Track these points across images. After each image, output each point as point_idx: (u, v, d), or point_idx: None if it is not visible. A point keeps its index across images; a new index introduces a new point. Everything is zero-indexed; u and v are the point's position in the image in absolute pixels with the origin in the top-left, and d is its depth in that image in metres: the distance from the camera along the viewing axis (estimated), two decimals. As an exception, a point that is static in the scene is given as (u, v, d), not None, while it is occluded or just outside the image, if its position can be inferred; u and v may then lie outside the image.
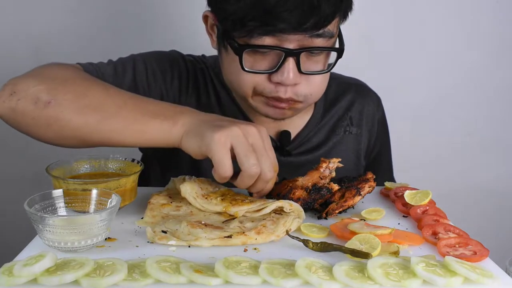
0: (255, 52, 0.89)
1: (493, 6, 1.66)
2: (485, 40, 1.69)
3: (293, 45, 0.87)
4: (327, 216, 0.83)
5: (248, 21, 0.84)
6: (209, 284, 0.59)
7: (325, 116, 1.14)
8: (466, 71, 1.72)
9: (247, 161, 0.77)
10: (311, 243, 0.69)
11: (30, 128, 0.84)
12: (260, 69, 0.90)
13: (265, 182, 0.80)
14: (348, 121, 1.16)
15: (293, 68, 0.88)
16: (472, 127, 1.78)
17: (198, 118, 0.83)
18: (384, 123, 1.23)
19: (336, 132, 1.14)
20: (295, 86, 0.91)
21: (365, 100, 1.18)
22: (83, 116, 0.82)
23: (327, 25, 0.86)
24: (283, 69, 0.88)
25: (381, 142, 1.22)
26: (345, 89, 1.17)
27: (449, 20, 1.67)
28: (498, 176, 1.83)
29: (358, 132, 1.16)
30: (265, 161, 0.79)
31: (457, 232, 0.75)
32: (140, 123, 0.82)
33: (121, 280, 0.59)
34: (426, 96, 1.73)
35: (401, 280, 0.60)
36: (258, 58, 0.90)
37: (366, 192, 0.85)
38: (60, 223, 0.66)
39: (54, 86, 0.84)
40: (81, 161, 0.88)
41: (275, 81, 0.90)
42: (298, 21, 0.83)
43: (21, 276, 0.58)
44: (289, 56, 0.87)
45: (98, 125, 0.82)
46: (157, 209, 0.82)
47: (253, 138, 0.79)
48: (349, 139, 1.15)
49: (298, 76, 0.90)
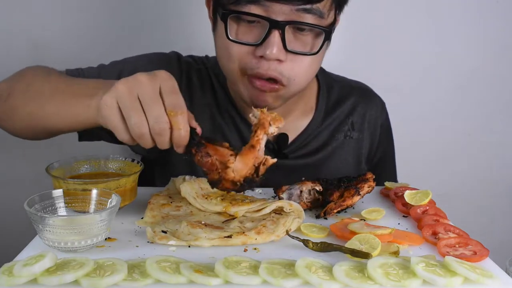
0: (241, 21, 0.88)
1: (493, 6, 1.66)
2: (485, 40, 1.69)
3: (280, 17, 0.85)
4: (326, 215, 0.83)
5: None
6: (209, 284, 0.59)
7: (326, 120, 1.12)
8: (466, 71, 1.72)
9: (128, 121, 0.70)
10: (311, 243, 0.69)
11: (2, 123, 0.93)
12: (245, 40, 0.88)
13: (160, 136, 0.70)
14: (349, 126, 1.14)
15: (278, 42, 0.86)
16: (472, 127, 1.78)
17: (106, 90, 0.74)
18: (388, 128, 1.22)
19: (336, 137, 1.13)
20: (279, 64, 0.88)
21: (368, 104, 1.16)
22: (29, 102, 0.87)
23: (316, 1, 0.85)
24: (267, 42, 0.86)
25: (384, 147, 1.20)
26: (348, 92, 1.16)
27: (450, 20, 1.67)
28: (498, 176, 1.83)
29: (360, 137, 1.14)
30: (150, 112, 0.69)
31: (457, 232, 0.75)
32: (67, 103, 0.82)
33: (121, 280, 0.59)
34: (426, 96, 1.73)
35: (401, 280, 0.60)
36: (244, 30, 0.88)
37: (366, 192, 0.85)
38: (60, 223, 0.66)
39: (14, 81, 0.92)
40: (81, 161, 0.88)
41: (259, 54, 0.87)
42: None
43: (21, 276, 0.58)
44: (274, 28, 0.85)
45: (39, 110, 0.85)
46: (157, 209, 0.82)
47: (139, 89, 0.70)
48: (349, 144, 1.14)
49: (282, 52, 0.87)
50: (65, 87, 0.85)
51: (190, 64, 1.10)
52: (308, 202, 0.87)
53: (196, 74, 1.09)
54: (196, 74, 1.09)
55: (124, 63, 1.06)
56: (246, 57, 0.89)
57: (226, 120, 1.06)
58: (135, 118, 0.69)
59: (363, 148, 1.15)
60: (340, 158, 1.12)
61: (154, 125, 0.69)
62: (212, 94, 1.07)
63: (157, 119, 0.69)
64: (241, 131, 1.06)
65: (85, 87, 0.83)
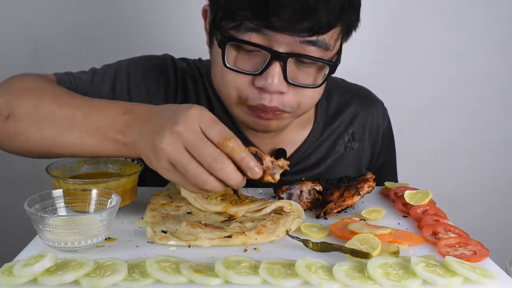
0: (240, 49, 0.83)
1: (493, 6, 1.66)
2: (485, 40, 1.69)
3: (282, 48, 0.80)
4: (326, 215, 0.83)
5: (238, 10, 0.78)
6: (209, 284, 0.59)
7: (325, 131, 1.08)
8: (466, 71, 1.72)
9: (188, 177, 0.67)
10: (311, 243, 0.69)
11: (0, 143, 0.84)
12: (244, 69, 0.84)
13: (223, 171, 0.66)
14: (349, 137, 1.09)
15: (278, 73, 0.81)
16: (472, 127, 1.78)
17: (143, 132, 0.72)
18: (390, 134, 1.18)
19: (336, 149, 1.08)
20: (281, 95, 0.84)
21: (369, 112, 1.12)
22: (39, 131, 0.79)
23: (322, 33, 0.80)
24: (267, 72, 0.81)
25: (385, 153, 1.17)
26: (348, 100, 1.11)
27: (449, 20, 1.67)
28: (498, 176, 1.83)
29: (360, 147, 1.11)
30: (202, 157, 0.66)
31: (457, 232, 0.75)
32: (94, 139, 0.77)
33: (121, 280, 0.59)
34: (426, 96, 1.73)
35: (401, 280, 0.60)
36: (243, 57, 0.84)
37: (366, 192, 0.85)
38: (60, 223, 0.66)
39: (11, 98, 0.83)
40: (81, 161, 0.88)
41: (258, 85, 0.83)
42: (289, 19, 0.77)
43: (21, 276, 0.58)
44: (275, 60, 0.80)
45: (54, 139, 0.79)
46: (157, 209, 0.82)
47: (182, 141, 0.67)
48: (350, 155, 1.10)
49: (283, 84, 0.82)
50: (83, 117, 0.78)
51: (185, 70, 1.05)
52: (308, 202, 0.87)
53: (191, 81, 1.05)
54: (191, 81, 1.05)
55: (118, 68, 1.02)
56: (246, 87, 0.85)
57: None
58: (191, 172, 0.67)
59: (363, 158, 1.12)
60: (340, 170, 1.08)
61: (211, 165, 0.66)
62: (207, 103, 1.03)
63: (211, 158, 0.66)
64: None
65: (109, 119, 0.77)
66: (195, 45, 1.17)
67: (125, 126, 0.74)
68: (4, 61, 1.50)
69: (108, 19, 1.54)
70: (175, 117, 0.68)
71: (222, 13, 0.82)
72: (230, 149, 0.67)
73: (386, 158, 1.17)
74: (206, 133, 0.68)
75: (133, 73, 1.02)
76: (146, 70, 1.03)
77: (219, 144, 0.67)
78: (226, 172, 0.67)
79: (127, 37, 1.54)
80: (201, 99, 1.04)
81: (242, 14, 0.78)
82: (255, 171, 0.68)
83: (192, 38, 1.33)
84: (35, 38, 1.53)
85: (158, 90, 1.02)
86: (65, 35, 1.53)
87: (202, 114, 0.69)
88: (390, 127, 1.18)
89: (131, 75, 1.02)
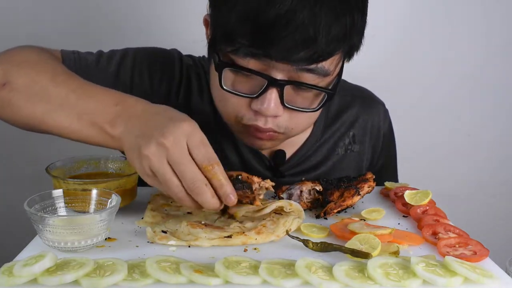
0: (237, 72, 0.83)
1: (493, 6, 1.66)
2: (485, 40, 1.69)
3: (280, 75, 0.80)
4: (326, 215, 0.83)
5: (235, 37, 0.78)
6: (209, 284, 0.59)
7: (325, 133, 1.07)
8: (466, 71, 1.72)
9: (168, 189, 0.69)
10: (311, 243, 0.69)
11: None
12: (241, 91, 0.83)
13: (200, 195, 0.68)
14: (350, 139, 1.09)
15: (275, 99, 0.81)
16: (472, 127, 1.78)
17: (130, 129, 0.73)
18: (391, 136, 1.17)
19: (336, 151, 1.08)
20: (276, 118, 0.84)
21: (370, 115, 1.11)
22: (31, 105, 0.79)
23: (321, 61, 0.79)
24: (264, 97, 0.81)
25: (386, 155, 1.16)
26: (349, 102, 1.11)
27: (449, 20, 1.67)
28: (498, 176, 1.83)
29: (361, 149, 1.10)
30: (183, 176, 0.68)
31: (457, 232, 0.75)
32: (81, 123, 0.76)
33: (121, 280, 0.59)
34: (426, 96, 1.73)
35: (401, 280, 0.60)
36: (241, 79, 0.84)
37: (366, 192, 0.85)
38: (60, 223, 0.66)
39: (10, 67, 0.82)
40: (81, 161, 0.88)
41: (254, 108, 0.83)
42: (287, 49, 0.76)
43: (21, 276, 0.58)
44: (272, 86, 0.80)
45: (43, 117, 0.78)
46: (157, 209, 0.82)
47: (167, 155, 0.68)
48: (350, 158, 1.09)
49: (280, 108, 0.82)
50: (76, 100, 0.77)
51: (191, 67, 1.05)
52: (308, 202, 0.87)
53: (195, 78, 1.05)
54: (195, 78, 1.05)
55: (124, 54, 1.01)
56: (242, 108, 0.85)
57: (223, 132, 1.00)
58: (170, 187, 0.68)
59: (364, 160, 1.11)
60: (340, 173, 1.06)
61: (190, 188, 0.68)
62: (209, 102, 1.02)
63: (192, 181, 0.68)
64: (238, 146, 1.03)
65: (100, 106, 0.76)
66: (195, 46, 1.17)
67: (114, 117, 0.74)
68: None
69: (109, 17, 1.54)
70: (165, 127, 0.68)
71: (221, 36, 0.81)
72: (211, 174, 0.68)
73: (386, 160, 1.17)
74: (192, 152, 0.68)
75: (139, 62, 1.02)
76: (152, 60, 1.03)
77: (202, 167, 0.68)
78: (202, 197, 0.68)
79: (128, 36, 1.54)
80: (203, 96, 1.04)
81: (241, 42, 0.78)
82: (230, 198, 0.70)
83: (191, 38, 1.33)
84: (35, 38, 1.53)
85: (161, 83, 1.02)
86: (65, 35, 1.53)
87: (193, 131, 0.69)
88: (391, 129, 1.18)
89: (137, 63, 1.01)
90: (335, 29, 0.77)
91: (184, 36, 1.52)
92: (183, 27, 1.54)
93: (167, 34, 1.55)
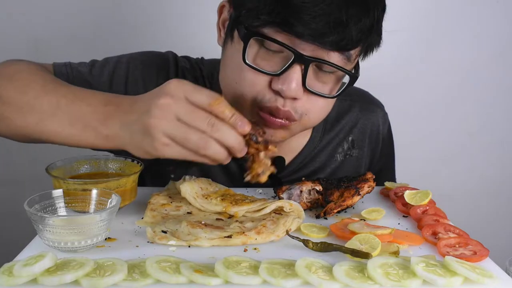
0: (262, 46, 0.80)
1: (493, 6, 1.66)
2: (486, 40, 1.69)
3: (306, 52, 0.78)
4: (326, 215, 0.83)
5: (265, 14, 0.76)
6: (209, 284, 0.59)
7: (323, 139, 1.06)
8: (467, 71, 1.72)
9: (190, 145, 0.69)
10: (311, 243, 0.69)
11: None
12: (263, 68, 0.81)
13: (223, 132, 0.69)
14: (349, 144, 1.08)
15: (297, 78, 0.79)
16: (473, 127, 1.78)
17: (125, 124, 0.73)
18: (390, 139, 1.17)
19: (334, 157, 1.07)
20: (294, 101, 0.82)
21: (369, 119, 1.11)
22: (23, 116, 0.80)
23: (348, 49, 0.79)
24: (286, 75, 0.79)
25: (385, 158, 1.16)
26: (348, 107, 1.09)
27: (450, 20, 1.67)
28: (498, 176, 1.83)
29: (360, 154, 1.10)
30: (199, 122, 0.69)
31: (457, 232, 0.75)
32: (75, 127, 0.77)
33: (121, 280, 0.59)
34: (427, 96, 1.73)
35: (401, 280, 0.60)
36: (264, 56, 0.81)
37: (366, 192, 0.85)
38: (60, 223, 0.66)
39: (1, 82, 0.83)
40: (81, 161, 0.88)
41: (275, 88, 0.80)
42: (319, 30, 0.75)
43: (21, 276, 0.58)
44: (297, 62, 0.78)
45: (36, 126, 0.79)
46: (157, 209, 0.82)
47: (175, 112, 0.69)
48: (349, 163, 1.09)
49: (300, 90, 0.80)
50: (67, 105, 0.78)
51: (186, 69, 1.04)
52: (308, 202, 0.87)
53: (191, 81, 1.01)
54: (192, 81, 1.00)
55: (117, 63, 1.01)
56: (261, 88, 0.82)
57: None
58: (191, 139, 0.68)
59: (362, 165, 1.11)
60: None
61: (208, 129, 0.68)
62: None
63: (206, 122, 0.69)
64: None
65: (91, 109, 0.77)
66: (198, 44, 1.17)
67: (106, 117, 0.75)
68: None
69: (109, 19, 1.54)
70: (157, 93, 0.70)
71: (247, 14, 0.79)
72: (220, 110, 0.69)
73: (385, 163, 1.17)
74: (192, 100, 0.69)
75: (132, 69, 1.01)
76: (146, 66, 1.02)
77: (210, 107, 0.69)
78: (224, 132, 0.69)
79: (128, 36, 1.54)
80: None
81: (269, 19, 0.77)
82: (243, 128, 0.71)
83: (191, 39, 1.33)
84: (35, 38, 1.53)
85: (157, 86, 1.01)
86: (66, 35, 1.53)
87: (182, 83, 0.71)
88: (390, 132, 1.18)
89: (130, 71, 1.01)
90: (365, 20, 0.78)
91: (184, 36, 1.52)
92: (182, 26, 1.54)
93: (167, 33, 1.55)
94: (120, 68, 1.00)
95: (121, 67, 1.01)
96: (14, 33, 1.52)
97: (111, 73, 1.00)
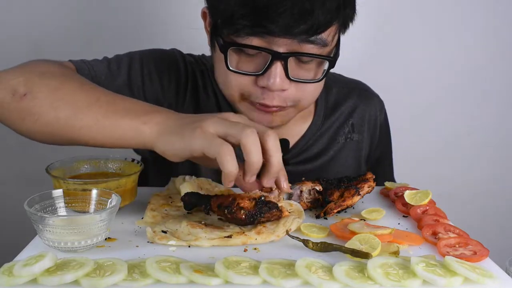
0: (241, 52, 0.86)
1: (493, 6, 1.66)
2: (485, 39, 1.69)
3: (282, 49, 0.83)
4: (326, 215, 0.83)
5: (236, 19, 0.81)
6: (209, 284, 0.59)
7: (325, 123, 1.11)
8: (466, 71, 1.72)
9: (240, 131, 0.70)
10: (311, 243, 0.69)
11: (7, 120, 0.83)
12: (246, 70, 0.87)
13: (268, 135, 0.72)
14: (349, 128, 1.12)
15: (280, 72, 0.84)
16: (472, 127, 1.78)
17: (174, 118, 0.76)
18: (387, 127, 1.21)
19: (337, 140, 1.11)
20: (283, 92, 0.87)
21: (367, 106, 1.15)
22: (54, 110, 0.78)
23: (320, 32, 0.83)
24: (269, 72, 0.84)
25: (383, 146, 1.19)
26: (347, 94, 1.14)
27: (449, 20, 1.67)
28: (498, 176, 1.84)
29: (360, 138, 1.14)
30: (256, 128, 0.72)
31: (457, 232, 0.75)
32: (111, 119, 0.76)
33: (121, 280, 0.59)
34: (426, 96, 1.73)
35: (401, 280, 0.60)
36: (245, 59, 0.87)
37: (366, 192, 0.85)
38: (60, 223, 0.66)
39: (32, 78, 0.82)
40: (81, 161, 0.88)
41: (261, 85, 0.86)
42: (287, 24, 0.79)
43: (21, 276, 0.58)
44: (276, 60, 0.83)
45: (68, 120, 0.78)
46: (157, 209, 0.82)
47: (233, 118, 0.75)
48: (350, 146, 1.13)
49: (286, 82, 0.86)
50: (107, 101, 0.78)
51: (194, 64, 1.08)
52: (308, 202, 0.87)
53: (199, 74, 1.07)
54: (200, 74, 1.07)
55: (131, 58, 1.03)
56: (248, 87, 0.88)
57: None
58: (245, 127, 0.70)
59: (363, 149, 1.14)
60: (341, 161, 1.11)
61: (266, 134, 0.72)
62: (215, 97, 1.05)
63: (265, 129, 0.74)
64: None
65: (132, 105, 0.78)
66: (196, 45, 1.17)
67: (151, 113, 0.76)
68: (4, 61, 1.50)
69: (109, 18, 1.54)
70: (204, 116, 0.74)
71: (222, 21, 0.84)
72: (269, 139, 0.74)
73: (383, 152, 1.20)
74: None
75: (146, 64, 1.03)
76: (158, 61, 1.05)
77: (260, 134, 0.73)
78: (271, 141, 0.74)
79: (127, 36, 1.54)
80: (208, 92, 1.06)
81: (241, 23, 0.81)
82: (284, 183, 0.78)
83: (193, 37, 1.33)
84: (35, 38, 1.53)
85: (170, 82, 1.04)
86: (66, 35, 1.53)
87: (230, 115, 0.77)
88: (387, 120, 1.21)
89: (145, 65, 1.03)
90: (329, 2, 0.81)
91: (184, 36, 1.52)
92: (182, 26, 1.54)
93: (167, 33, 1.55)
94: (135, 62, 1.02)
95: (135, 62, 1.03)
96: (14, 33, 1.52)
97: (128, 67, 1.01)
